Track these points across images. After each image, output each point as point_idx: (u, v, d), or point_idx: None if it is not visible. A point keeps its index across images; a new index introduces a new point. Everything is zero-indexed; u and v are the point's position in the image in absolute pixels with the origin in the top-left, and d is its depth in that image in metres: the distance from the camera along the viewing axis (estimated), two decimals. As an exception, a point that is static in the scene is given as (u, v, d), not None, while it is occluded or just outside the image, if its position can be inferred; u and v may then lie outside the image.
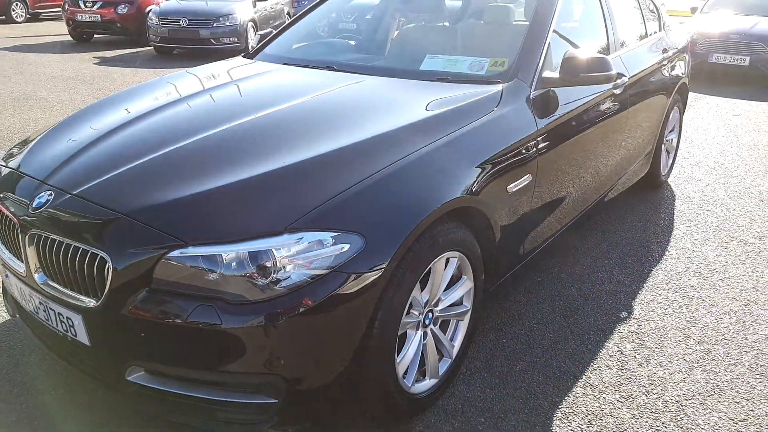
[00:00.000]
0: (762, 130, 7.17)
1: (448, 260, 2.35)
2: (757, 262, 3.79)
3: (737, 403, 2.54)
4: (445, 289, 2.42)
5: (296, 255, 1.86)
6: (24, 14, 17.63)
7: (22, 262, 2.18)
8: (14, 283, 2.27)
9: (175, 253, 1.85)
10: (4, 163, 2.54)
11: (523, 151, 2.66)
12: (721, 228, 4.30)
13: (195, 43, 11.61)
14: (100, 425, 2.31)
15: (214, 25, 11.50)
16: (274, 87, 3.01)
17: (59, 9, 17.64)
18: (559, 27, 3.27)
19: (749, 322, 3.13)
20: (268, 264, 1.84)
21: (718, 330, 3.05)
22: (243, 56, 3.76)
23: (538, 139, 2.74)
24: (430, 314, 2.37)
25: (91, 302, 1.96)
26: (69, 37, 13.89)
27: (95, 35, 14.01)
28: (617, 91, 3.54)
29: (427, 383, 2.40)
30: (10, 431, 2.30)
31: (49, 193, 2.13)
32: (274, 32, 3.91)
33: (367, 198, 2.04)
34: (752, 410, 2.50)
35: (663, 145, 4.95)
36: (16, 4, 17.42)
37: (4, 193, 2.31)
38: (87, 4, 13.15)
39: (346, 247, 1.91)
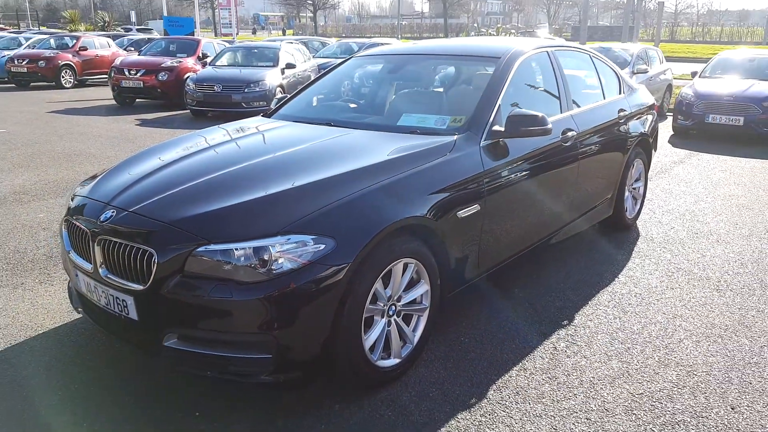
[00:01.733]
0: (741, 183, 7.80)
1: (406, 265, 3.10)
2: (694, 288, 4.45)
3: (639, 383, 3.21)
4: (406, 289, 3.17)
5: (286, 251, 2.65)
6: (72, 80, 19.12)
7: (90, 262, 2.99)
8: (82, 280, 3.08)
9: (201, 249, 2.66)
10: (77, 194, 3.40)
11: (471, 185, 3.44)
12: (671, 261, 4.97)
13: (227, 106, 12.67)
14: (143, 388, 3.08)
15: (245, 90, 12.56)
16: (282, 137, 3.87)
17: (104, 76, 19.18)
18: (518, 92, 4.11)
19: (670, 329, 3.80)
20: (266, 257, 2.63)
21: (641, 335, 3.73)
22: (262, 116, 4.64)
23: (485, 178, 3.52)
24: (394, 307, 3.11)
25: (139, 287, 2.76)
26: (113, 102, 15.16)
27: (137, 99, 15.27)
28: (567, 144, 4.30)
29: (391, 361, 3.13)
30: (86, 390, 3.08)
31: (112, 211, 2.96)
32: (288, 97, 4.79)
33: (340, 213, 2.84)
34: (649, 388, 3.16)
35: (630, 192, 5.68)
36: (66, 71, 18.92)
37: (77, 215, 3.16)
38: (131, 72, 14.46)
39: (322, 246, 2.70)
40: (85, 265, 3.04)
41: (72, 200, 3.38)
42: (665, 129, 12.09)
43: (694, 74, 12.96)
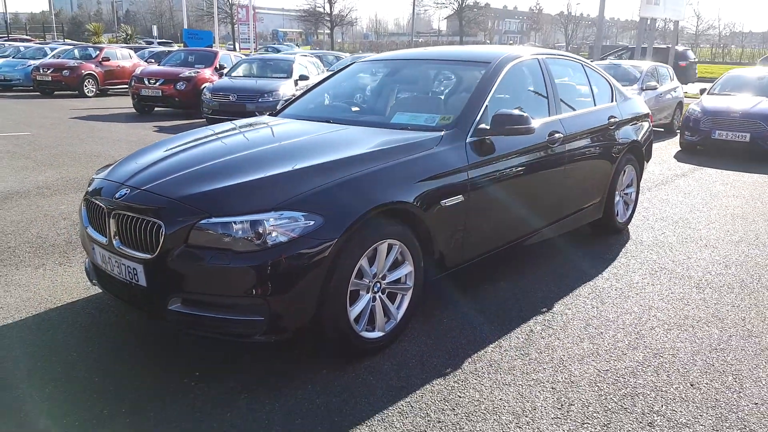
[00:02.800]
0: (740, 196, 7.98)
1: (391, 246, 3.38)
2: (674, 285, 4.68)
3: (606, 361, 3.45)
4: (391, 269, 3.45)
5: (279, 225, 2.95)
6: (94, 89, 19.72)
7: (105, 236, 3.31)
8: (98, 252, 3.39)
9: (203, 221, 2.97)
10: (95, 177, 3.73)
11: (456, 178, 3.72)
12: (657, 262, 5.21)
13: (242, 115, 12.94)
14: (149, 352, 3.39)
15: (259, 99, 12.94)
16: (283, 131, 4.20)
17: (124, 86, 19.74)
18: (506, 94, 4.41)
19: (644, 319, 4.04)
20: (261, 230, 2.93)
21: (615, 322, 3.97)
22: (268, 114, 4.97)
23: (469, 171, 3.80)
24: (379, 284, 3.39)
25: (148, 256, 3.06)
26: (133, 110, 15.66)
27: (156, 108, 15.77)
28: (553, 145, 4.58)
29: (375, 334, 3.40)
30: (97, 353, 3.38)
31: (126, 189, 3.29)
32: (293, 98, 5.12)
33: (329, 194, 3.14)
34: (615, 366, 3.41)
35: (621, 197, 5.93)
36: (88, 81, 19.52)
37: (95, 194, 3.48)
38: (150, 81, 14.96)
39: (312, 222, 2.99)
40: (101, 238, 3.36)
41: (90, 183, 3.71)
42: (673, 145, 12.30)
43: (702, 91, 13.16)
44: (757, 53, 67.60)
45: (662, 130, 14.16)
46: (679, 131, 12.52)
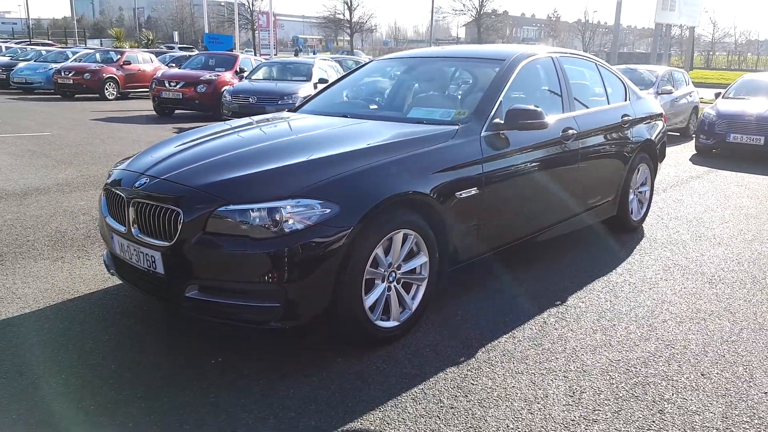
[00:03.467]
0: (754, 197, 7.97)
1: (406, 236, 3.43)
2: (687, 280, 4.69)
3: (618, 351, 3.48)
4: (406, 259, 3.49)
5: (296, 213, 3.01)
6: (115, 93, 19.97)
7: (124, 225, 3.38)
8: (117, 241, 3.47)
9: (221, 209, 3.03)
10: (115, 168, 3.81)
11: (471, 170, 3.77)
12: (670, 258, 5.22)
13: (261, 117, 13.18)
14: (167, 340, 3.46)
15: (279, 102, 13.03)
16: (301, 125, 4.27)
17: (145, 89, 19.96)
18: (520, 91, 4.46)
19: (656, 312, 4.06)
20: (278, 217, 2.99)
21: (628, 315, 3.99)
22: (287, 110, 5.05)
23: (483, 164, 3.84)
24: (394, 274, 3.44)
25: (166, 244, 3.13)
26: (153, 112, 15.86)
27: (176, 110, 15.94)
28: (567, 141, 4.61)
29: (390, 323, 3.45)
30: (114, 341, 3.46)
31: (146, 178, 3.36)
32: (311, 95, 5.20)
33: (346, 183, 3.20)
34: (627, 356, 3.43)
35: (635, 195, 5.94)
36: (109, 84, 19.78)
37: (115, 184, 3.56)
38: (171, 84, 15.13)
39: (328, 210, 3.05)
40: (120, 227, 3.43)
41: (110, 175, 3.79)
42: (689, 149, 12.27)
43: (717, 95, 13.14)
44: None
45: (678, 134, 14.11)
46: (694, 135, 12.49)
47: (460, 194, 3.69)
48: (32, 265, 4.63)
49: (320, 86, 14.29)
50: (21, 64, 22.30)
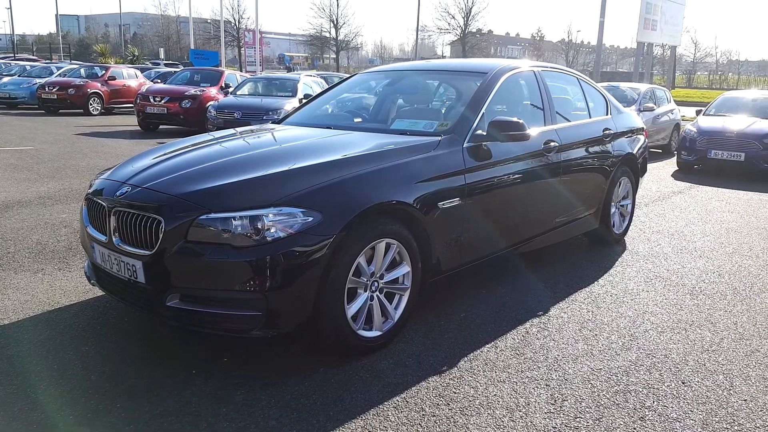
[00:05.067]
0: (735, 212, 8.06)
1: (389, 245, 3.44)
2: (669, 291, 4.73)
3: (600, 360, 3.49)
4: (389, 269, 3.50)
5: (278, 221, 3.01)
6: (99, 108, 19.89)
7: (105, 234, 3.37)
8: (98, 251, 3.45)
9: (203, 217, 3.02)
10: (98, 178, 3.80)
11: (453, 181, 3.79)
12: (652, 270, 5.26)
13: (246, 132, 13.17)
14: (147, 351, 3.43)
15: (264, 117, 13.01)
16: (285, 135, 4.29)
17: (130, 105, 19.88)
18: (502, 103, 4.50)
19: (638, 322, 4.08)
20: (260, 225, 2.99)
21: (609, 325, 4.01)
22: (271, 122, 5.06)
23: (466, 174, 3.87)
24: (376, 283, 3.44)
25: (147, 252, 3.12)
26: (138, 127, 15.80)
27: (161, 126, 15.89)
28: (549, 153, 4.65)
29: (373, 333, 3.44)
30: (94, 352, 3.43)
31: (127, 187, 3.35)
32: (295, 108, 5.22)
33: (328, 192, 3.20)
34: (609, 365, 3.45)
35: (617, 209, 5.99)
36: (94, 99, 19.71)
37: (97, 194, 3.55)
38: (156, 99, 15.11)
39: (310, 219, 3.05)
40: (101, 237, 3.41)
41: (92, 185, 3.78)
42: (670, 165, 12.41)
43: (698, 112, 13.32)
44: (753, 80, 68.35)
45: (660, 151, 14.27)
46: (676, 152, 12.64)
47: (443, 204, 3.71)
48: (12, 276, 4.58)
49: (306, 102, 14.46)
50: (5, 79, 22.14)
